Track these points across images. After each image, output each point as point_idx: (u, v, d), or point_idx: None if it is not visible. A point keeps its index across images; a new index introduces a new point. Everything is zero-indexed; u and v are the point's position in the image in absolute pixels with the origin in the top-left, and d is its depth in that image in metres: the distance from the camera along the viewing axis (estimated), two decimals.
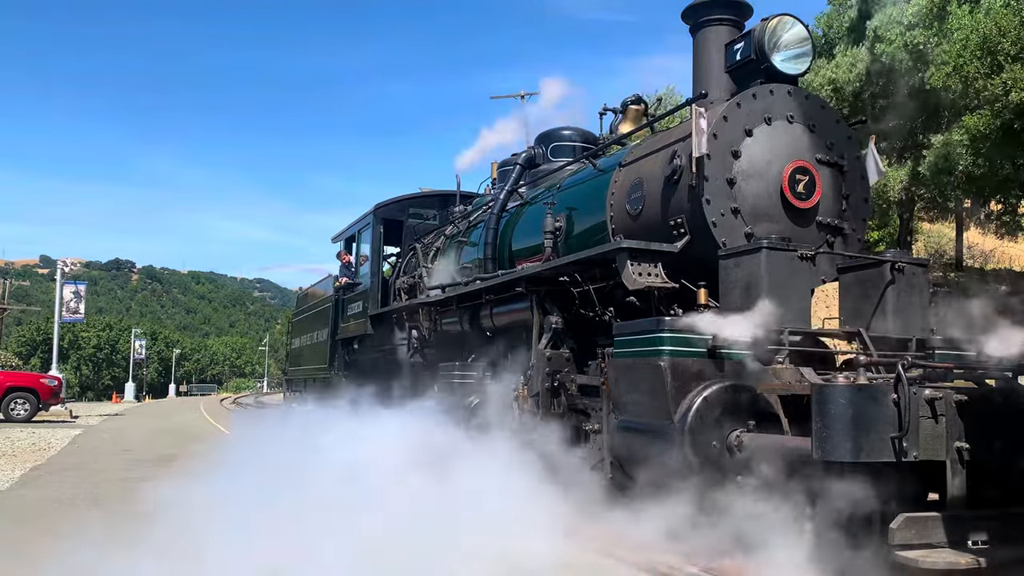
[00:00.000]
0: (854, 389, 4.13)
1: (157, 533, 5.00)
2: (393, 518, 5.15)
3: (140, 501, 6.59)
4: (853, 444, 4.06)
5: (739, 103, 6.37)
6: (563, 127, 10.05)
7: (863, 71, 20.11)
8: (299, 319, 19.44)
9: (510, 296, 8.40)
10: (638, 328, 5.70)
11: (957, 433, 4.22)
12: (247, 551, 4.54)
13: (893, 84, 19.59)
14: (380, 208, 13.25)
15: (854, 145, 6.84)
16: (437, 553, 4.72)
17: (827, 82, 20.41)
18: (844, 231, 6.59)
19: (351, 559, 4.53)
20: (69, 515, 6.87)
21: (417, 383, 10.65)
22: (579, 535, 5.73)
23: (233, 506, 5.43)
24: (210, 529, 4.87)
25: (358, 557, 4.55)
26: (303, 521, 5.11)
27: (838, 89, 20.29)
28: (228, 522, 5.01)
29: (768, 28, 6.44)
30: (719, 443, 5.11)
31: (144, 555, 4.54)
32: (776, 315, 5.30)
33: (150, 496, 6.46)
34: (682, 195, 6.41)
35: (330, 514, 5.18)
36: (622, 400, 5.79)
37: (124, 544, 4.70)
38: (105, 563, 4.39)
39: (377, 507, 5.37)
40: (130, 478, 9.26)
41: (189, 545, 4.66)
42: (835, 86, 20.37)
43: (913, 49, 18.34)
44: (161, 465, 10.63)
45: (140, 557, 4.50)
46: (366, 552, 4.61)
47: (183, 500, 5.82)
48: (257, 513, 5.24)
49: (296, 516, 5.22)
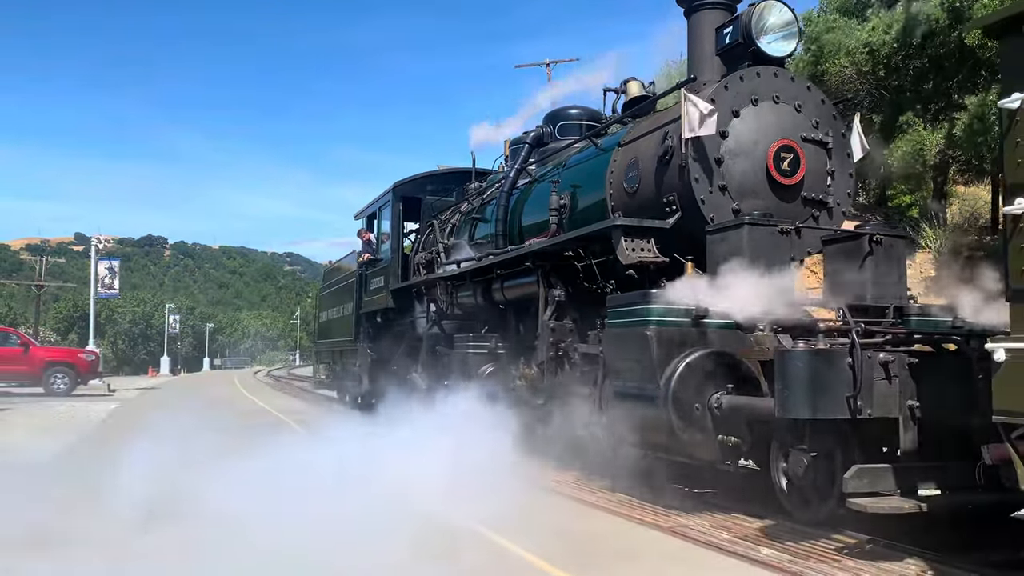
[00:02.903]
0: (811, 353, 4.56)
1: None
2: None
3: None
4: (810, 403, 4.49)
5: (726, 85, 6.73)
6: (570, 106, 10.42)
7: (898, 32, 19.53)
8: (326, 293, 20.04)
9: (519, 271, 8.85)
10: (627, 300, 6.13)
11: (910, 392, 4.64)
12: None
13: (930, 44, 19.24)
14: (399, 186, 13.72)
15: (840, 123, 7.17)
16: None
17: (862, 45, 19.73)
18: (829, 205, 6.96)
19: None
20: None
21: (434, 353, 11.18)
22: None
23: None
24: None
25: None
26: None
27: (873, 52, 19.75)
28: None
29: (755, 13, 6.78)
30: (701, 405, 5.54)
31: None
32: (758, 286, 5.72)
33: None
34: (673, 174, 6.81)
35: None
36: (615, 367, 6.24)
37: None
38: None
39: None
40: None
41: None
42: (870, 48, 19.84)
43: (950, 7, 17.69)
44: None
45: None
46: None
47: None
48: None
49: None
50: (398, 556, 4.29)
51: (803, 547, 4.63)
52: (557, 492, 6.67)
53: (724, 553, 4.62)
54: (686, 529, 5.19)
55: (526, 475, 6.72)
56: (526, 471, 6.85)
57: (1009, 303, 3.35)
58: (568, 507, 6.14)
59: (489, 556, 4.61)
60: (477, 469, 5.94)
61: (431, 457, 6.17)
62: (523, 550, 4.64)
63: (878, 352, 4.64)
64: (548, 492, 6.63)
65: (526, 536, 4.83)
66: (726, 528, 5.22)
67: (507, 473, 6.28)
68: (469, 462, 6.04)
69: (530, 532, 4.91)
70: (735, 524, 5.33)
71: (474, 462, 6.04)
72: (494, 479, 5.85)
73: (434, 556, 4.42)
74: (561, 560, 4.44)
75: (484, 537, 4.96)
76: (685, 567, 4.46)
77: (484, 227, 10.73)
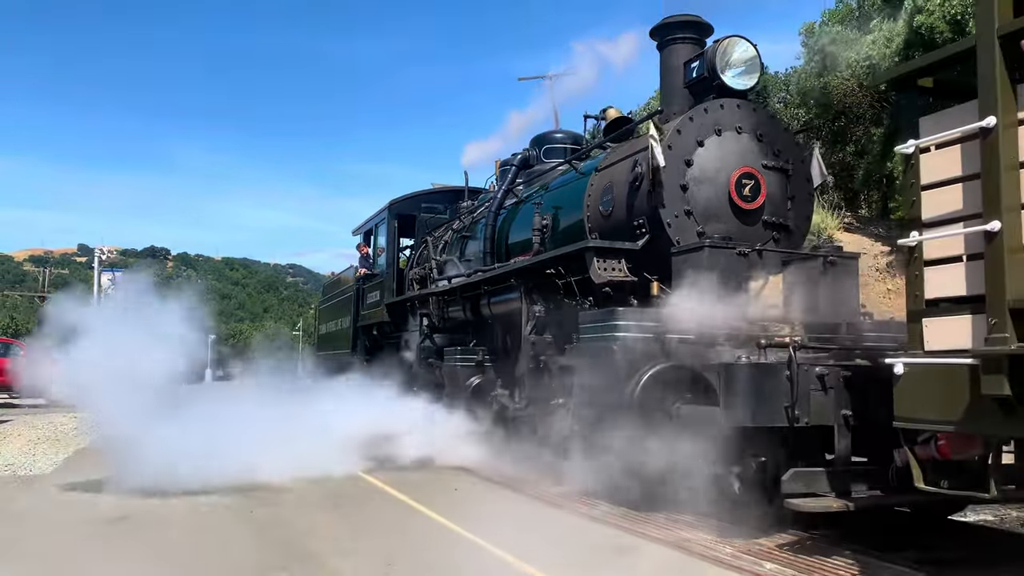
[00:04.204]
0: (753, 366, 5.04)
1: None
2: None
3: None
4: (752, 411, 4.98)
5: (691, 117, 7.24)
6: (555, 130, 10.98)
7: (900, 45, 19.48)
8: (325, 306, 20.53)
9: (505, 287, 9.34)
10: (597, 317, 6.63)
11: (843, 402, 5.12)
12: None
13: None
14: (394, 204, 14.24)
15: (800, 151, 7.68)
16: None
17: (863, 58, 19.96)
18: (789, 228, 7.45)
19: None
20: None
21: (424, 366, 11.68)
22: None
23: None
24: None
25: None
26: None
27: (873, 65, 19.44)
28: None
29: (719, 49, 7.30)
30: (662, 412, 6.01)
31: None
32: (717, 304, 6.21)
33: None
34: (643, 199, 7.31)
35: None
36: (585, 378, 6.72)
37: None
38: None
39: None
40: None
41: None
42: (871, 62, 19.64)
43: (952, 19, 17.45)
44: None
45: None
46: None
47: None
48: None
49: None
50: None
51: (808, 563, 4.66)
52: (558, 506, 6.73)
53: (727, 568, 4.62)
54: (689, 543, 5.18)
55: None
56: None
57: (907, 323, 3.82)
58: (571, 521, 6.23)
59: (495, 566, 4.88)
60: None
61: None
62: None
63: (814, 366, 5.12)
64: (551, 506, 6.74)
65: (526, 548, 5.01)
66: (728, 542, 5.19)
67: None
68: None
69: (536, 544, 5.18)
70: (737, 539, 5.28)
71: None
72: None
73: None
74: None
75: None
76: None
77: (473, 244, 11.24)
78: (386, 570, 4.72)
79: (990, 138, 3.31)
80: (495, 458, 8.63)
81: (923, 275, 3.72)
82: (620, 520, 5.97)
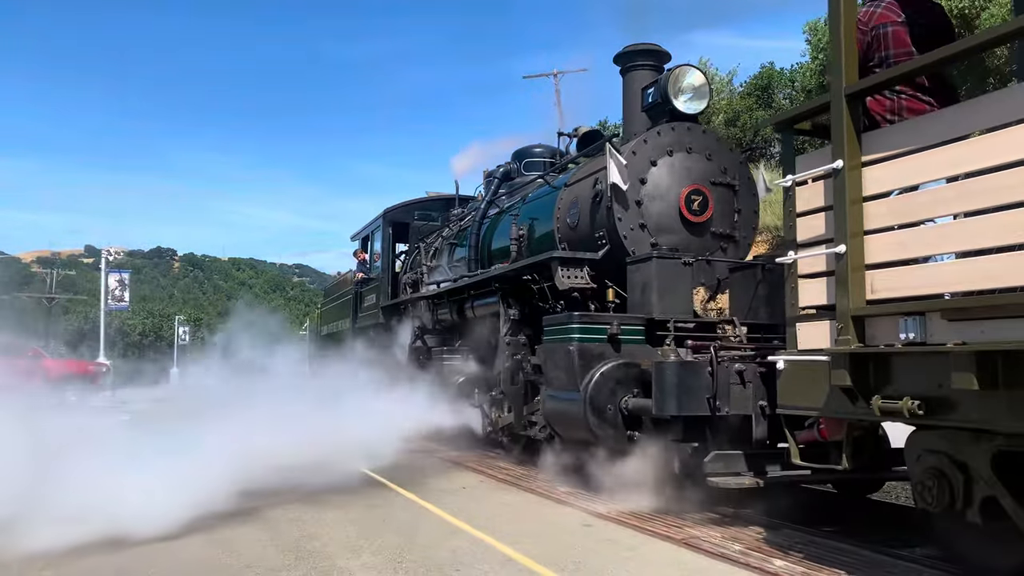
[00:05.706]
0: (679, 364, 5.85)
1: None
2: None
3: None
4: (677, 402, 5.78)
5: (646, 139, 8.03)
6: (535, 145, 11.79)
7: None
8: (326, 309, 21.40)
9: (486, 291, 10.15)
10: (557, 320, 7.44)
11: (760, 395, 5.91)
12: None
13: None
14: (389, 212, 15.10)
15: (746, 168, 8.47)
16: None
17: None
18: (735, 238, 8.24)
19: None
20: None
21: (415, 365, 12.51)
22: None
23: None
24: None
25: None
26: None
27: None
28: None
29: (671, 77, 8.09)
30: (613, 406, 6.81)
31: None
32: (662, 309, 7.03)
33: None
34: (603, 213, 8.10)
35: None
36: (549, 375, 7.53)
37: None
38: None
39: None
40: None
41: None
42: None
43: (958, 15, 17.81)
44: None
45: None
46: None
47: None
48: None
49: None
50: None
51: (817, 561, 4.68)
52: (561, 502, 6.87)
53: (736, 565, 4.67)
54: (698, 541, 5.25)
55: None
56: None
57: (786, 327, 4.62)
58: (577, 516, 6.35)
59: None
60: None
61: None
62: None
63: (734, 362, 5.92)
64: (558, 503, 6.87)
65: (530, 547, 5.18)
66: (737, 539, 5.27)
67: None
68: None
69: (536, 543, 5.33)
70: (746, 536, 5.39)
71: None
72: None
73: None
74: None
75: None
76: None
77: (461, 251, 12.07)
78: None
79: (838, 177, 4.11)
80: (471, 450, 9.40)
81: (798, 287, 4.51)
82: (627, 517, 6.08)
